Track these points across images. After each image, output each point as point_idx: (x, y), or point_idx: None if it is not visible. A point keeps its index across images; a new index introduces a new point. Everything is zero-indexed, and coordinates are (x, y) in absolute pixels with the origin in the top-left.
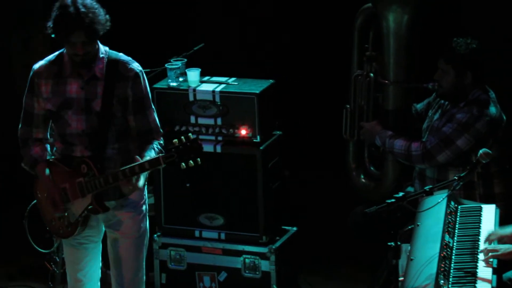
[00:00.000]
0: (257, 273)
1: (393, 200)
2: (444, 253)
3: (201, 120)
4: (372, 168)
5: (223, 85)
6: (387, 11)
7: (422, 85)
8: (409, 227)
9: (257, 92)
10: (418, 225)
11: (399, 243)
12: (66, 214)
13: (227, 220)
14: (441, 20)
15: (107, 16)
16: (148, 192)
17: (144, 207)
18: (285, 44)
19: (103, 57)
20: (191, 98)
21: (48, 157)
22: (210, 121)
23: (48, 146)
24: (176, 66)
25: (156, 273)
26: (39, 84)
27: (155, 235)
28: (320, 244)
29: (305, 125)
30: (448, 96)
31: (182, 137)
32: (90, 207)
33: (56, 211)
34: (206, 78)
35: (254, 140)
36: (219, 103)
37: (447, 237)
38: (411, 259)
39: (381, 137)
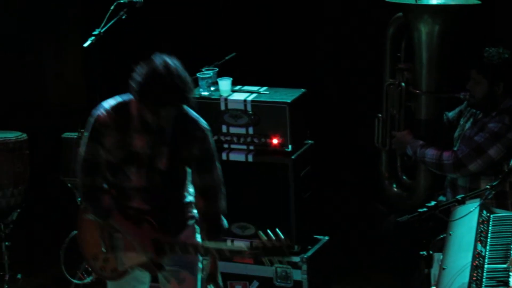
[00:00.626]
0: (289, 282)
1: (425, 209)
2: (477, 262)
3: (233, 130)
4: (404, 177)
5: (254, 94)
6: (418, 22)
7: (454, 94)
8: (441, 236)
9: (289, 101)
10: (450, 234)
11: (431, 252)
12: (112, 258)
13: (259, 229)
14: (473, 29)
15: (192, 88)
16: None
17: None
18: (317, 53)
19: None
20: (222, 107)
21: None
22: (242, 130)
23: None
24: (207, 76)
25: None
26: (104, 134)
27: None
28: (352, 253)
29: (337, 134)
30: (480, 106)
31: (270, 233)
32: (145, 264)
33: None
34: (237, 87)
35: (286, 149)
36: (250, 112)
37: (479, 246)
38: (443, 268)
39: (412, 146)
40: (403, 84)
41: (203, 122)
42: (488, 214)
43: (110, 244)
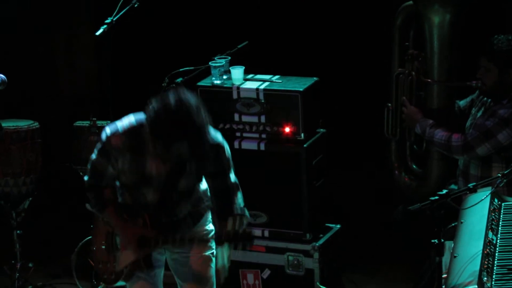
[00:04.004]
0: (301, 270)
1: (436, 197)
2: (488, 250)
3: (245, 118)
4: (414, 166)
5: (267, 83)
6: (429, 11)
7: (465, 83)
8: (453, 225)
9: (301, 89)
10: (461, 222)
11: (442, 240)
12: (112, 259)
13: (270, 218)
14: (483, 17)
15: (206, 119)
16: None
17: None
18: (329, 42)
19: None
20: (235, 96)
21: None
22: (254, 119)
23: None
24: (220, 64)
25: None
26: (116, 157)
27: None
28: (364, 241)
29: (348, 123)
30: (491, 94)
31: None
32: (136, 262)
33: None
34: (250, 76)
35: (298, 138)
36: (263, 101)
37: (490, 234)
38: (455, 256)
39: (422, 125)
40: (413, 73)
41: (217, 139)
42: (499, 202)
43: (112, 245)
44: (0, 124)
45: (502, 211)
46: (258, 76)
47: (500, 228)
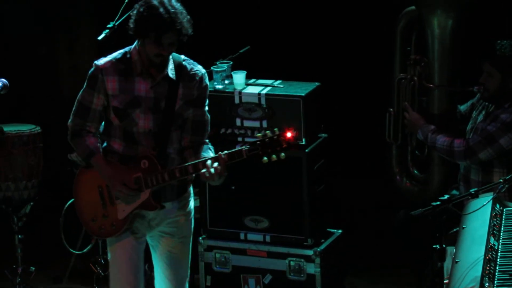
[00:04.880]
0: (302, 275)
1: (438, 202)
2: (489, 255)
3: (247, 123)
4: (416, 172)
5: (268, 88)
6: (432, 16)
7: (468, 88)
8: (454, 230)
9: (303, 94)
10: (463, 227)
11: (444, 245)
12: (112, 210)
13: (272, 223)
14: (486, 22)
15: (191, 19)
16: (194, 195)
17: (192, 206)
18: (331, 47)
19: (170, 59)
20: (236, 100)
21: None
22: (256, 124)
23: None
24: (222, 69)
25: (201, 276)
26: (104, 80)
27: (200, 238)
28: (366, 246)
29: (349, 128)
30: (493, 99)
31: (268, 131)
32: (145, 203)
33: (127, 190)
34: (251, 81)
35: (300, 143)
36: (264, 106)
37: (492, 239)
38: (456, 262)
39: (424, 131)
40: (415, 78)
41: (199, 66)
42: (501, 207)
43: (108, 196)
44: (1, 128)
45: (503, 216)
46: (260, 81)
47: (501, 234)
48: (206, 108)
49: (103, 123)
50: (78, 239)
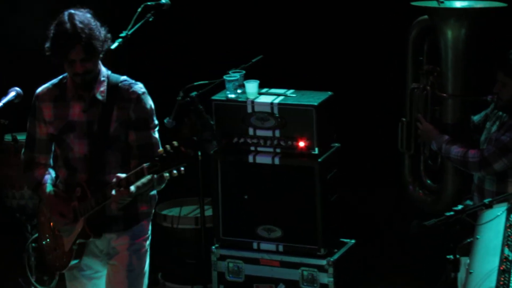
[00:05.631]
0: (315, 285)
1: (452, 213)
2: (504, 266)
3: (259, 132)
4: (429, 182)
5: (281, 97)
6: (445, 25)
7: (481, 97)
8: (468, 240)
9: (316, 104)
10: (477, 238)
11: (458, 256)
12: (61, 242)
13: (285, 232)
14: (499, 32)
15: (108, 35)
16: (206, 204)
17: (146, 243)
18: (343, 56)
19: (104, 80)
20: (249, 110)
21: (49, 182)
22: (268, 133)
23: (53, 172)
24: (234, 78)
25: (214, 285)
26: (41, 107)
27: (213, 247)
28: (379, 256)
29: (362, 137)
30: (507, 108)
31: (167, 145)
32: (82, 232)
33: (64, 220)
34: (264, 90)
35: (312, 152)
36: (277, 115)
37: (506, 250)
38: (470, 273)
39: (438, 142)
40: (428, 87)
41: (137, 86)
42: None
43: (56, 230)
44: (15, 137)
45: None
46: (273, 90)
47: None
48: (154, 130)
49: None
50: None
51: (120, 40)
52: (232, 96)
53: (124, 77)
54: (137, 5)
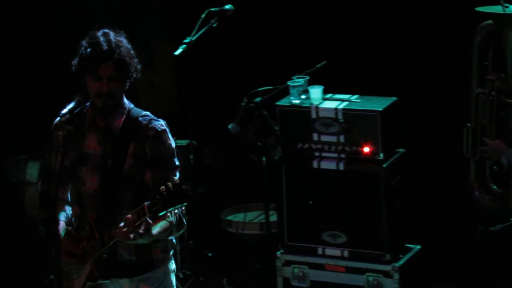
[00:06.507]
0: None
1: None
2: None
3: (324, 138)
4: (494, 187)
5: (346, 103)
6: (509, 31)
7: None
8: None
9: (380, 109)
10: None
11: None
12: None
13: (350, 238)
14: None
15: (139, 66)
16: (271, 210)
17: (168, 284)
18: (408, 62)
19: (123, 112)
20: (313, 115)
21: (63, 219)
22: (333, 139)
23: (68, 209)
24: (298, 84)
25: None
26: (57, 137)
27: (278, 252)
28: (445, 262)
29: (427, 143)
30: None
31: (169, 183)
32: (90, 274)
33: (72, 261)
34: (328, 96)
35: (377, 158)
36: (341, 121)
37: None
38: None
39: (508, 155)
40: (493, 93)
41: (157, 122)
42: None
43: (65, 269)
44: None
45: None
46: (337, 96)
47: None
48: (173, 171)
49: None
50: None
51: (184, 46)
52: (297, 101)
53: (146, 112)
54: (201, 11)
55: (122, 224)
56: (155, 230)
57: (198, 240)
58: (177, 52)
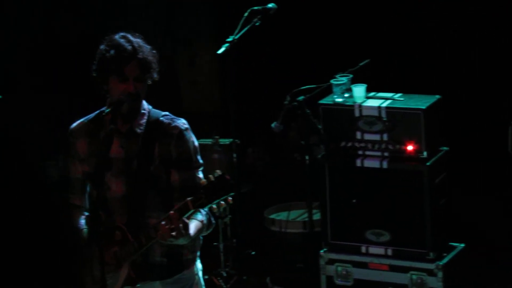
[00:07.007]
0: None
1: None
2: None
3: (367, 136)
4: None
5: (389, 101)
6: None
7: None
8: None
9: (424, 107)
10: None
11: None
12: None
13: (393, 236)
14: None
15: (157, 68)
16: (314, 208)
17: (197, 284)
18: (452, 60)
19: (144, 113)
20: (357, 114)
21: (86, 226)
22: (376, 137)
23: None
24: (341, 82)
25: None
26: (75, 143)
27: (322, 251)
28: (489, 261)
29: (471, 141)
30: None
31: (210, 175)
32: (127, 279)
33: (105, 268)
34: (372, 94)
35: (421, 156)
36: (385, 119)
37: None
38: None
39: None
40: None
41: (179, 121)
42: None
43: (100, 277)
44: None
45: None
46: (380, 94)
47: None
48: (197, 170)
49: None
50: None
51: (227, 45)
52: (340, 100)
53: (166, 112)
54: (244, 9)
55: (163, 222)
56: (191, 230)
57: (242, 238)
58: (220, 51)
